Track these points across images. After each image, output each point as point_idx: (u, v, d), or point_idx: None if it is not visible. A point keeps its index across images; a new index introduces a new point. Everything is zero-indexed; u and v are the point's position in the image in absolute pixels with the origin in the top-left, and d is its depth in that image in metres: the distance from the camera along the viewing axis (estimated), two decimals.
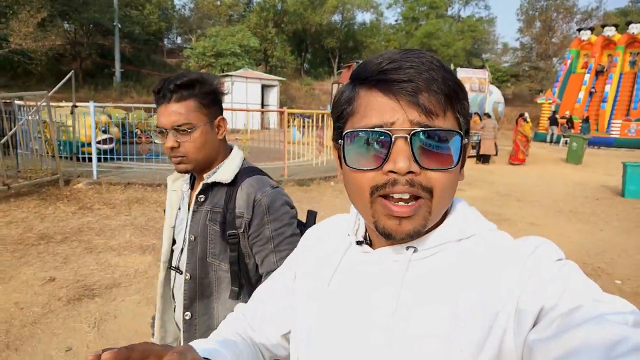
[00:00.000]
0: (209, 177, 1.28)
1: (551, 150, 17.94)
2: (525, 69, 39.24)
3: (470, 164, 12.88)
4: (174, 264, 1.37)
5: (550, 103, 22.93)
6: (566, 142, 19.17)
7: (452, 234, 0.62)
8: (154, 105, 1.26)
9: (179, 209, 1.39)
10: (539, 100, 24.06)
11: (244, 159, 1.35)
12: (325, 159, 10.16)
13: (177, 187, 1.41)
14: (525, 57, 40.28)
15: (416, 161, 0.55)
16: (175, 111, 1.19)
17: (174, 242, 1.40)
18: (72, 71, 8.06)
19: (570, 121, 20.95)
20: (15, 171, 7.16)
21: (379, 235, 0.60)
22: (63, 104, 9.33)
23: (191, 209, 1.31)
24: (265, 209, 1.25)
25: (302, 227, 1.33)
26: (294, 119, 15.90)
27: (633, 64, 23.89)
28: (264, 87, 21.68)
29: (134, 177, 7.63)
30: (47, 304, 3.40)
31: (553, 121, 21.05)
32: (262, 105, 21.38)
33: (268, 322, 0.79)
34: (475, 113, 15.21)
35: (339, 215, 0.81)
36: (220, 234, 1.25)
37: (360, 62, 0.65)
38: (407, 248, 0.62)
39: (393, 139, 0.55)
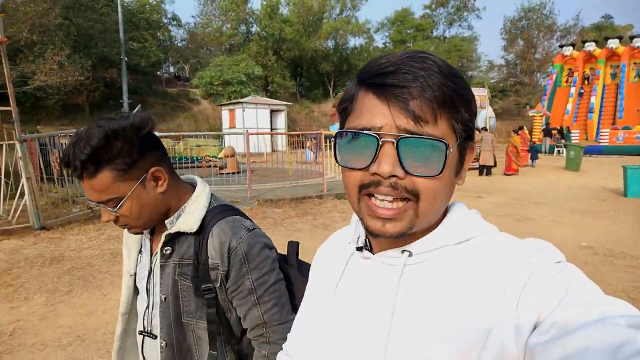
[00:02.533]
0: (172, 226, 1.10)
1: (547, 159, 19.13)
2: (511, 84, 41.11)
3: (473, 176, 13.92)
4: (144, 325, 1.16)
5: (541, 115, 24.35)
6: (559, 152, 20.51)
7: (449, 237, 0.62)
8: (176, 133, 1.33)
9: (140, 252, 1.20)
10: (530, 113, 25.50)
11: (212, 195, 1.17)
12: None
13: None
14: (511, 73, 42.27)
15: (402, 166, 0.56)
16: (93, 189, 1.00)
17: (135, 290, 1.22)
18: (139, 105, 8.91)
19: (561, 132, 22.34)
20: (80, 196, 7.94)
21: (369, 234, 0.62)
22: None
23: (157, 262, 1.12)
24: (243, 258, 1.08)
25: (284, 263, 1.21)
26: (309, 141, 17.03)
27: (614, 76, 25.63)
28: (272, 112, 22.77)
29: None
30: None
31: (547, 132, 22.40)
32: (271, 128, 22.41)
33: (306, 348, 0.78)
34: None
35: (346, 227, 0.81)
36: (194, 290, 1.08)
37: None
38: (403, 252, 0.63)
39: (380, 143, 0.56)
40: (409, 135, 0.55)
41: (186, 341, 1.12)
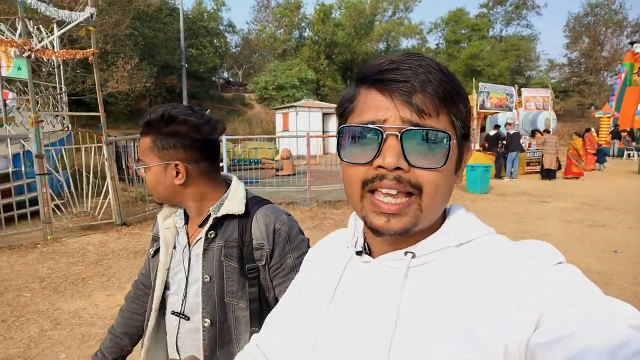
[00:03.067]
0: (217, 211, 1.19)
1: (616, 163, 17.98)
2: (574, 84, 38.92)
3: (535, 180, 13.40)
4: (176, 309, 1.23)
5: (609, 117, 22.91)
6: (629, 155, 19.18)
7: (450, 238, 0.62)
8: (237, 137, 1.50)
9: (174, 248, 1.27)
10: (596, 115, 24.05)
11: (246, 189, 1.28)
12: None
13: (170, 224, 1.29)
14: (574, 72, 40.00)
15: (405, 159, 0.56)
16: (140, 145, 1.20)
17: (166, 286, 1.27)
18: (209, 110, 9.47)
19: (631, 134, 20.89)
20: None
21: (372, 232, 0.61)
22: None
23: (198, 247, 1.20)
24: (286, 238, 1.20)
25: None
26: None
27: None
28: (324, 115, 23.04)
29: (266, 196, 8.80)
30: None
31: (615, 135, 21.05)
32: (323, 131, 22.68)
33: (281, 348, 0.78)
34: (535, 130, 15.77)
35: (340, 230, 0.81)
36: (239, 270, 1.17)
37: None
38: (406, 254, 0.62)
39: (384, 136, 0.57)
40: (413, 127, 0.56)
41: (227, 321, 1.18)
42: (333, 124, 23.75)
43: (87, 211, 7.57)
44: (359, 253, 0.69)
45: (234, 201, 1.20)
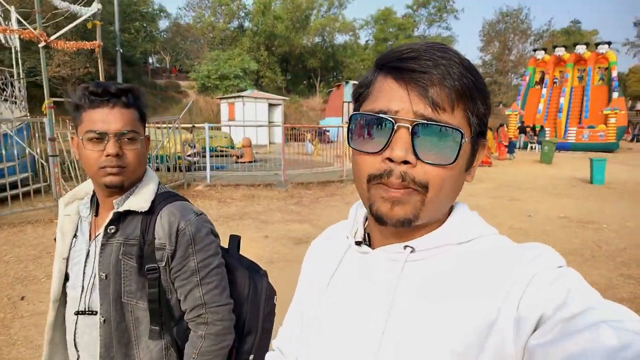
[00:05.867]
0: (120, 205, 1.12)
1: (522, 154, 21.22)
2: (487, 84, 43.44)
3: None
4: (74, 303, 1.16)
5: (516, 114, 26.53)
6: (532, 148, 22.65)
7: (451, 236, 0.62)
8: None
9: (75, 236, 1.18)
10: (507, 112, 27.66)
11: (159, 182, 1.21)
12: None
13: (71, 211, 1.20)
14: (486, 72, 44.74)
15: (414, 153, 0.55)
16: (122, 117, 1.08)
17: (66, 277, 1.19)
18: (193, 100, 10.14)
19: (534, 129, 24.57)
20: None
21: (374, 221, 0.61)
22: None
23: (98, 241, 1.13)
24: (190, 239, 1.13)
25: (225, 253, 1.27)
26: (310, 134, 18.59)
27: (581, 78, 28.09)
28: (270, 106, 24.01)
29: (236, 180, 9.82)
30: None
31: (522, 130, 24.56)
32: (269, 122, 23.68)
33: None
34: None
35: (339, 222, 0.82)
36: (137, 269, 1.11)
37: (347, 82, 1.19)
38: (405, 247, 0.62)
39: (395, 127, 0.56)
40: (425, 121, 0.55)
41: (124, 321, 1.13)
42: (278, 114, 24.82)
43: None
44: (358, 243, 0.68)
45: (139, 195, 1.14)
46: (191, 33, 38.93)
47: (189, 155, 10.61)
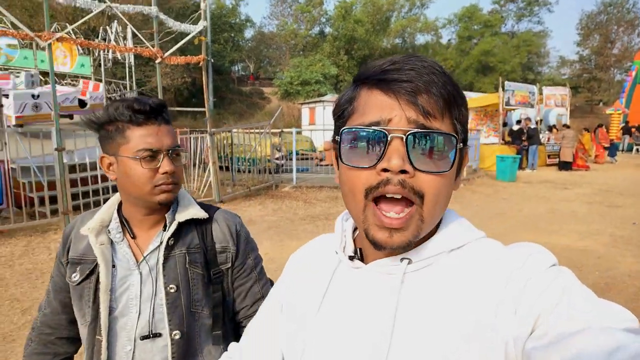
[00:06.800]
0: (175, 217, 1.14)
1: (626, 157, 19.26)
2: (585, 81, 39.91)
3: (553, 171, 14.77)
4: (135, 332, 1.10)
5: (619, 113, 24.11)
6: (637, 150, 20.46)
7: (445, 244, 0.62)
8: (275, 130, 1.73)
9: (113, 266, 1.13)
10: (608, 111, 25.24)
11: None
12: None
13: (104, 240, 1.13)
14: (585, 68, 41.03)
15: (410, 163, 0.55)
16: (169, 133, 1.10)
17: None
18: (281, 107, 10.85)
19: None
20: (232, 182, 9.95)
21: (372, 245, 0.59)
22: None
23: (153, 258, 1.12)
24: (246, 239, 1.23)
25: None
26: None
27: None
28: None
29: (320, 182, 10.27)
30: None
31: (626, 130, 22.30)
32: None
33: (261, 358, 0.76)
34: (552, 126, 17.10)
35: (323, 235, 0.80)
36: (202, 276, 1.14)
37: None
38: (402, 260, 0.61)
39: (389, 138, 0.55)
40: (420, 129, 0.55)
41: (192, 331, 1.14)
42: None
43: (193, 190, 9.03)
44: (351, 258, 0.67)
45: (190, 206, 1.17)
46: (274, 41, 40.71)
47: (277, 159, 11.28)
